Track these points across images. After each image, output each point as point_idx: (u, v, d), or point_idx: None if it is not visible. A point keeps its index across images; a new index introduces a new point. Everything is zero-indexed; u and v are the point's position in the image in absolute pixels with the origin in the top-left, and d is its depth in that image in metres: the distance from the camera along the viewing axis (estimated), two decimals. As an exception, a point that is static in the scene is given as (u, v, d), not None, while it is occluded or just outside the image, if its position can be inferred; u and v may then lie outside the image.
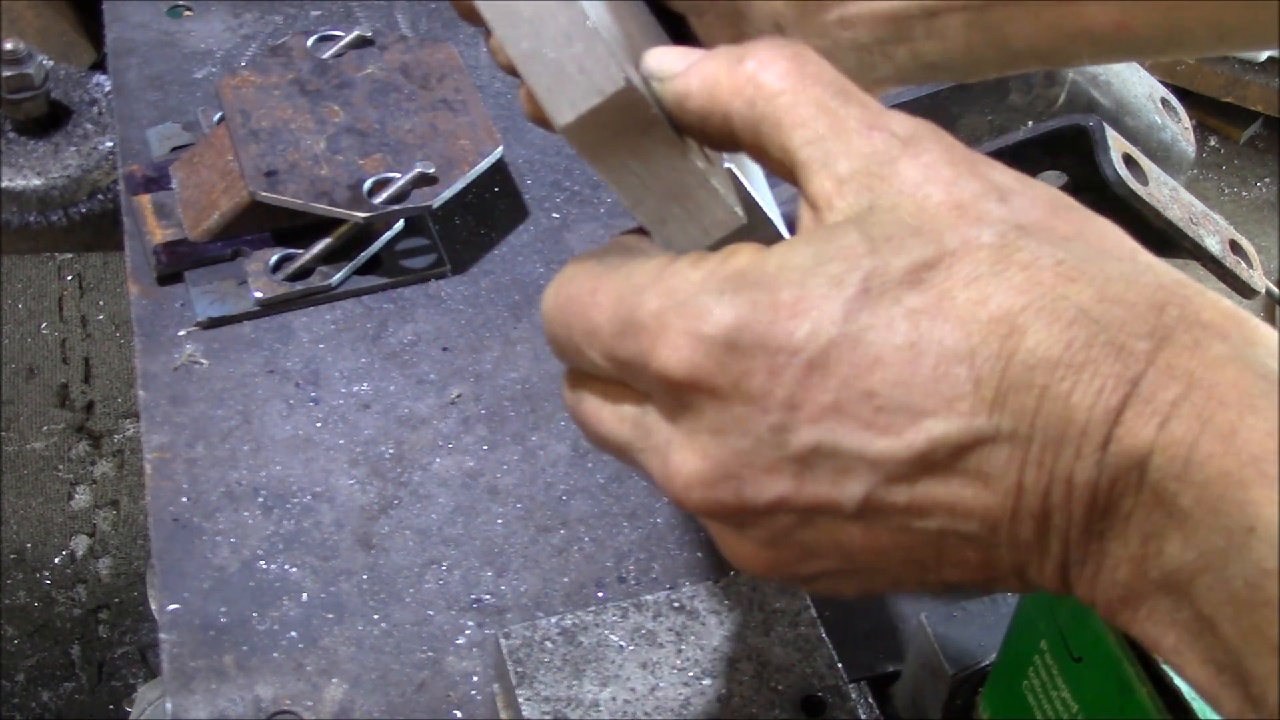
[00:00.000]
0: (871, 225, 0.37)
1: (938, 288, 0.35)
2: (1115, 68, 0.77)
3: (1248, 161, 2.74)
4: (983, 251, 0.36)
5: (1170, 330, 0.34)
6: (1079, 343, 0.34)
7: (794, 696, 0.61)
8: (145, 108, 0.98)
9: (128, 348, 2.08)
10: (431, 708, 0.67)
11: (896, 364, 0.35)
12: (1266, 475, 0.31)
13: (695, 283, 0.38)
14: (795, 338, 0.36)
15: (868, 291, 0.36)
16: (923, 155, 0.38)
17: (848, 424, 0.36)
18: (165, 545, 0.73)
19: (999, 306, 0.35)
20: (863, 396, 0.35)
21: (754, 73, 0.40)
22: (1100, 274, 0.35)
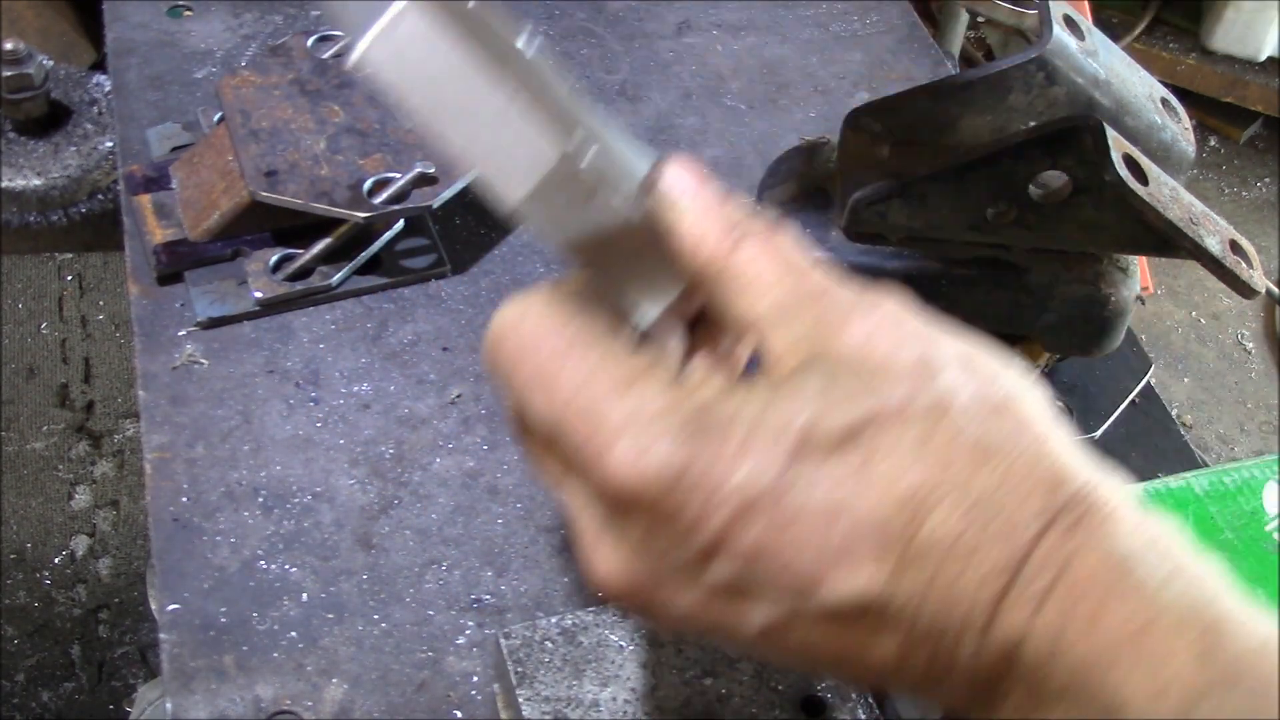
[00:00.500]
0: (817, 381, 0.40)
1: (865, 450, 0.39)
2: (1115, 67, 0.77)
3: (1248, 161, 2.74)
4: (913, 419, 0.39)
5: (1059, 510, 0.38)
6: (974, 528, 0.37)
7: (794, 696, 0.61)
8: (145, 108, 0.97)
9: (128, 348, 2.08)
10: (431, 708, 0.67)
11: (813, 522, 0.38)
12: (1128, 658, 0.35)
13: (660, 409, 0.40)
14: (732, 482, 0.39)
15: (803, 445, 0.39)
16: (872, 315, 0.42)
17: (763, 567, 0.39)
18: (165, 545, 0.73)
19: (911, 484, 0.38)
20: (780, 547, 0.39)
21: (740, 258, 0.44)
22: (1010, 453, 0.39)
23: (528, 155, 0.44)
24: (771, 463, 0.39)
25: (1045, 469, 0.38)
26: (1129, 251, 0.76)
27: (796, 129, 1.02)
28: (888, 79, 1.08)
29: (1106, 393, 0.83)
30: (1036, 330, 0.77)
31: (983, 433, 0.39)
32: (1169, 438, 0.87)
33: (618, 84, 1.05)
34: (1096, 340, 0.78)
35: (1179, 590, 0.36)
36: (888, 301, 0.42)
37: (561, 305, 0.44)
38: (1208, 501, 0.72)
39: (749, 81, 1.07)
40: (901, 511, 0.38)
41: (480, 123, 0.44)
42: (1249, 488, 0.72)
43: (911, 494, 0.38)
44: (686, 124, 1.02)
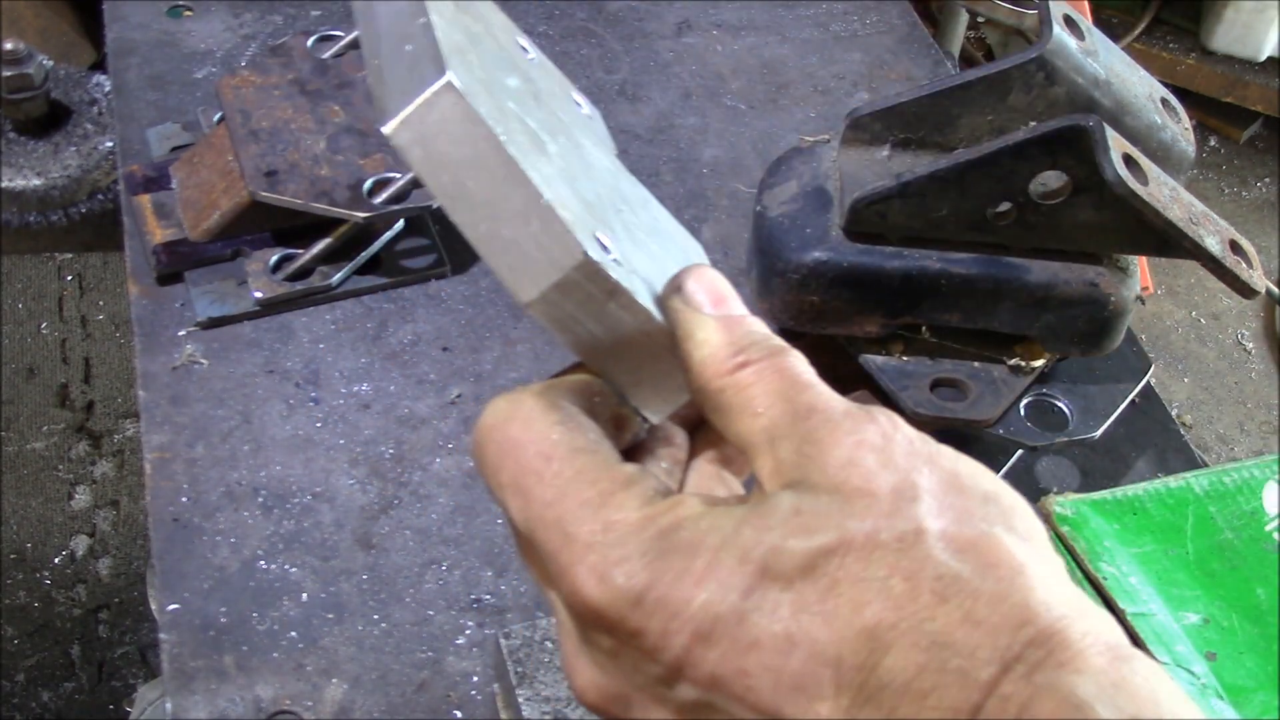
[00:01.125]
0: (789, 506, 0.40)
1: (828, 580, 0.38)
2: (1115, 67, 0.77)
3: (1248, 161, 2.74)
4: (880, 551, 0.38)
5: (1021, 651, 0.37)
6: (932, 667, 0.37)
7: (794, 696, 0.60)
8: (145, 108, 0.97)
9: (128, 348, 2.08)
10: (431, 708, 0.67)
11: (771, 651, 0.38)
12: None
13: (631, 526, 0.41)
14: (693, 606, 0.39)
15: (766, 571, 0.39)
16: (856, 436, 0.41)
17: (724, 693, 0.39)
18: (165, 545, 0.73)
19: (871, 618, 0.38)
20: (738, 674, 0.39)
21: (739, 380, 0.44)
22: (972, 593, 0.38)
23: (545, 257, 0.43)
24: (733, 587, 0.39)
25: (1011, 606, 0.38)
26: (1129, 251, 0.76)
27: (796, 129, 1.02)
28: (888, 79, 1.08)
29: (1106, 393, 0.83)
30: (1036, 330, 0.77)
31: (949, 568, 0.38)
32: (1169, 438, 0.87)
33: (618, 84, 1.05)
34: (1096, 340, 0.77)
35: None
36: (876, 420, 0.42)
37: (550, 408, 0.44)
38: (1208, 501, 0.72)
39: (749, 81, 1.07)
40: (860, 646, 0.38)
41: (502, 217, 0.43)
42: (1249, 488, 0.72)
43: (871, 628, 0.38)
44: (686, 124, 1.02)
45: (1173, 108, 0.80)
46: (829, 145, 0.83)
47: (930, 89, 0.78)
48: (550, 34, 1.08)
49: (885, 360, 0.79)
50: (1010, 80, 0.76)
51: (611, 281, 0.44)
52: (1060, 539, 0.69)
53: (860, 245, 0.76)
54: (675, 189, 0.97)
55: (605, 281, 0.44)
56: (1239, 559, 0.70)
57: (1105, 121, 0.69)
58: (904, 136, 0.80)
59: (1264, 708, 0.63)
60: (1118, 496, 0.72)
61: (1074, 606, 0.39)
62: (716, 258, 0.93)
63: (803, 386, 0.43)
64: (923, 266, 0.76)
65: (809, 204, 0.79)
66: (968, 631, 0.37)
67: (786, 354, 0.44)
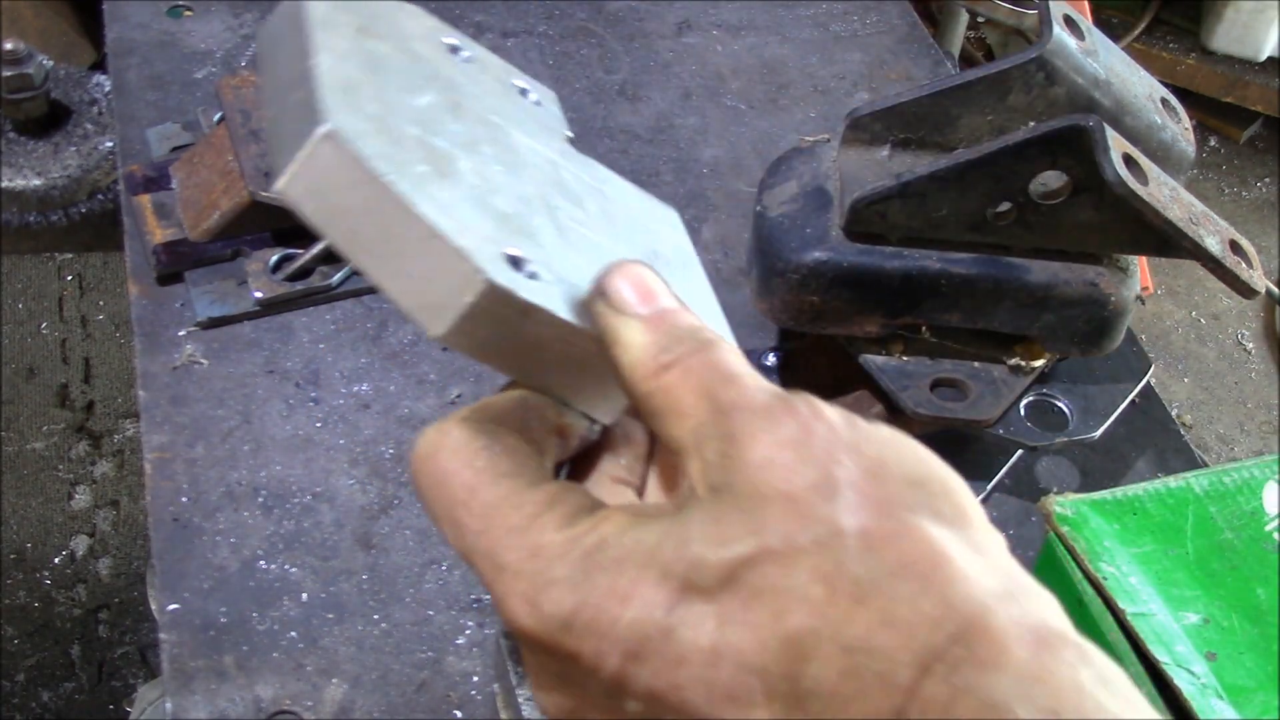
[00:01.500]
0: (710, 514, 0.39)
1: (749, 589, 0.38)
2: (1115, 67, 0.77)
3: (1248, 161, 2.74)
4: (796, 556, 0.38)
5: (941, 652, 0.36)
6: (852, 675, 0.37)
7: (794, 696, 0.60)
8: (145, 108, 0.97)
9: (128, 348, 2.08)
10: (431, 708, 0.67)
11: (699, 664, 0.38)
12: None
13: (556, 550, 0.41)
14: (618, 628, 0.39)
15: (688, 586, 0.39)
16: (776, 432, 0.40)
17: (664, 706, 0.39)
18: (165, 545, 0.73)
19: (793, 626, 0.37)
20: (672, 688, 0.39)
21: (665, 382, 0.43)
22: (890, 594, 0.37)
23: (448, 289, 0.42)
24: (657, 604, 0.39)
25: (929, 604, 0.37)
26: (1129, 251, 0.76)
27: (796, 129, 1.02)
28: (888, 79, 1.08)
29: (1106, 393, 0.83)
30: (1036, 330, 0.77)
31: (865, 568, 0.38)
32: (1169, 438, 0.87)
33: (618, 84, 1.05)
34: (1096, 340, 0.78)
35: None
36: (795, 412, 0.41)
37: (475, 434, 0.43)
38: (1208, 501, 0.72)
39: (749, 81, 1.07)
40: (783, 655, 0.37)
41: (401, 256, 0.42)
42: (1249, 488, 0.72)
43: (792, 637, 0.37)
44: (686, 124, 1.02)
45: (1173, 108, 0.80)
46: (829, 145, 0.83)
47: (930, 89, 0.78)
48: (550, 34, 1.08)
49: (885, 360, 0.79)
50: (1010, 80, 0.76)
51: (522, 302, 0.42)
52: (1060, 539, 0.69)
53: (860, 245, 0.76)
54: (675, 189, 0.97)
55: (516, 303, 0.42)
56: (1239, 559, 0.70)
57: (1105, 121, 0.69)
58: (904, 136, 0.80)
59: (1264, 708, 0.63)
60: (1118, 496, 0.72)
61: (999, 593, 0.38)
62: (716, 258, 0.93)
63: (727, 382, 0.42)
64: (923, 266, 0.76)
65: (809, 204, 0.79)
66: (886, 634, 0.37)
67: (712, 348, 0.43)
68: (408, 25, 0.53)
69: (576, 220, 0.50)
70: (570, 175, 0.53)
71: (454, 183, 0.45)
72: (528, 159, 0.50)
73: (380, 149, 0.43)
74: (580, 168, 0.54)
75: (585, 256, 0.48)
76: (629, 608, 0.39)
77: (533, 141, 0.52)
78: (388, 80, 0.47)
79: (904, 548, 0.38)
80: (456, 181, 0.45)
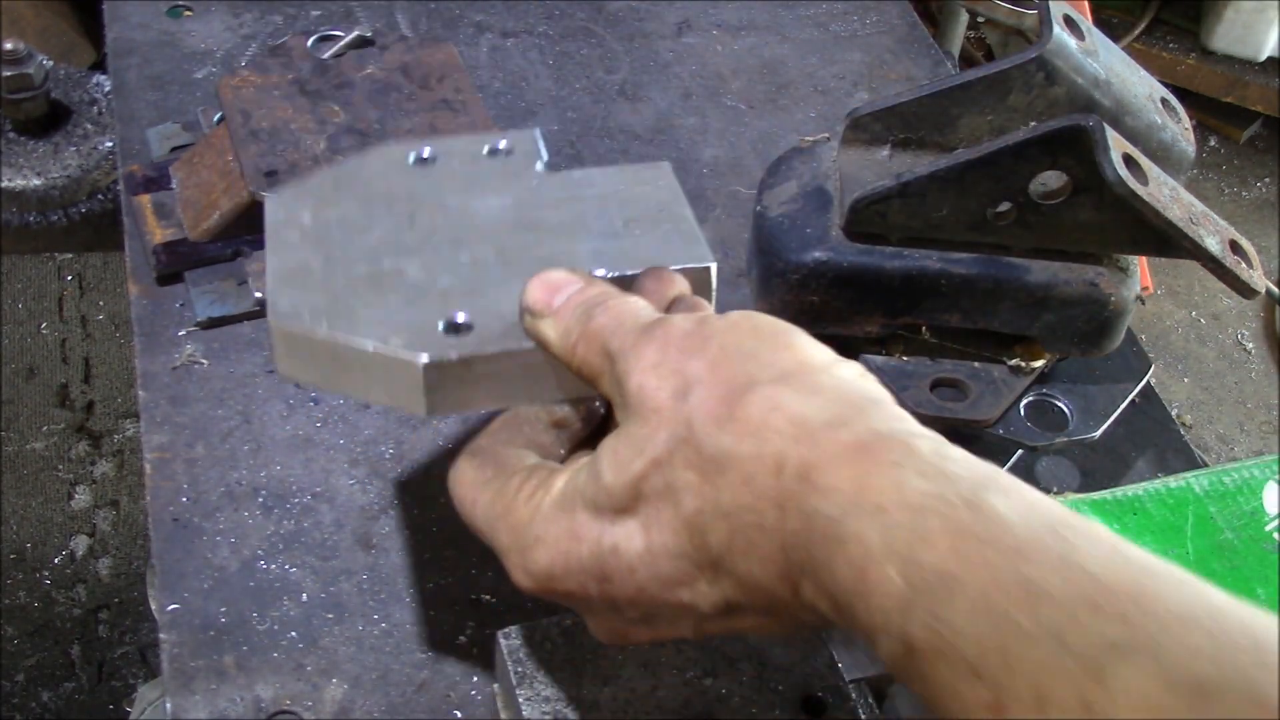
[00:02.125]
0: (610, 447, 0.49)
1: (651, 496, 0.47)
2: (1115, 67, 0.77)
3: (1248, 161, 2.74)
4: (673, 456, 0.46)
5: (789, 493, 0.43)
6: (737, 532, 0.45)
7: (794, 696, 0.61)
8: (145, 108, 0.98)
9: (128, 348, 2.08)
10: (431, 708, 0.67)
11: (644, 567, 0.47)
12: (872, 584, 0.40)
13: (525, 520, 0.51)
14: (582, 563, 0.49)
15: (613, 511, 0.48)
16: (639, 363, 0.49)
17: (643, 608, 0.49)
18: (165, 545, 0.73)
19: (687, 513, 0.46)
20: (637, 591, 0.48)
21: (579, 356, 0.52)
22: (739, 458, 0.45)
23: (405, 381, 0.53)
24: (597, 532, 0.48)
25: (769, 456, 0.44)
26: (1129, 251, 0.76)
27: (796, 129, 1.02)
28: (888, 79, 1.08)
29: (1106, 393, 0.83)
30: (1036, 330, 0.77)
31: (718, 445, 0.45)
32: (1169, 438, 0.87)
33: (618, 84, 1.05)
34: (1096, 340, 0.78)
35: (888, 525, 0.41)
36: (653, 337, 0.49)
37: (472, 459, 0.55)
38: (1208, 501, 0.72)
39: (749, 81, 1.07)
40: (691, 536, 0.46)
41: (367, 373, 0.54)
42: (1249, 488, 0.72)
43: (689, 521, 0.46)
44: (686, 124, 1.02)
45: (1173, 108, 0.80)
46: (829, 145, 0.83)
47: (930, 89, 0.78)
48: (550, 34, 1.08)
49: (885, 360, 0.79)
50: (1010, 80, 0.76)
51: (458, 359, 0.53)
52: (1060, 539, 0.69)
53: (860, 245, 0.76)
54: (675, 189, 0.97)
55: (455, 362, 0.53)
56: (1239, 559, 0.70)
57: (1105, 121, 0.69)
58: (904, 136, 0.80)
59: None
60: (1118, 496, 0.72)
61: (829, 422, 0.44)
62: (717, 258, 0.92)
63: (609, 336, 0.50)
64: (923, 266, 0.76)
65: (809, 204, 0.79)
66: (746, 492, 0.44)
67: (595, 313, 0.51)
68: (373, 168, 0.65)
69: (528, 249, 0.59)
70: (533, 207, 0.62)
71: (395, 289, 0.56)
72: (483, 222, 0.61)
73: (317, 309, 0.56)
74: (553, 188, 0.63)
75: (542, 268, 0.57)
76: (582, 544, 0.49)
77: (496, 198, 0.62)
78: (338, 240, 0.60)
79: (744, 417, 0.45)
80: (399, 285, 0.57)
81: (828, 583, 0.42)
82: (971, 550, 0.39)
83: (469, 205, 0.61)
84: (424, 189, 0.63)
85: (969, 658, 0.37)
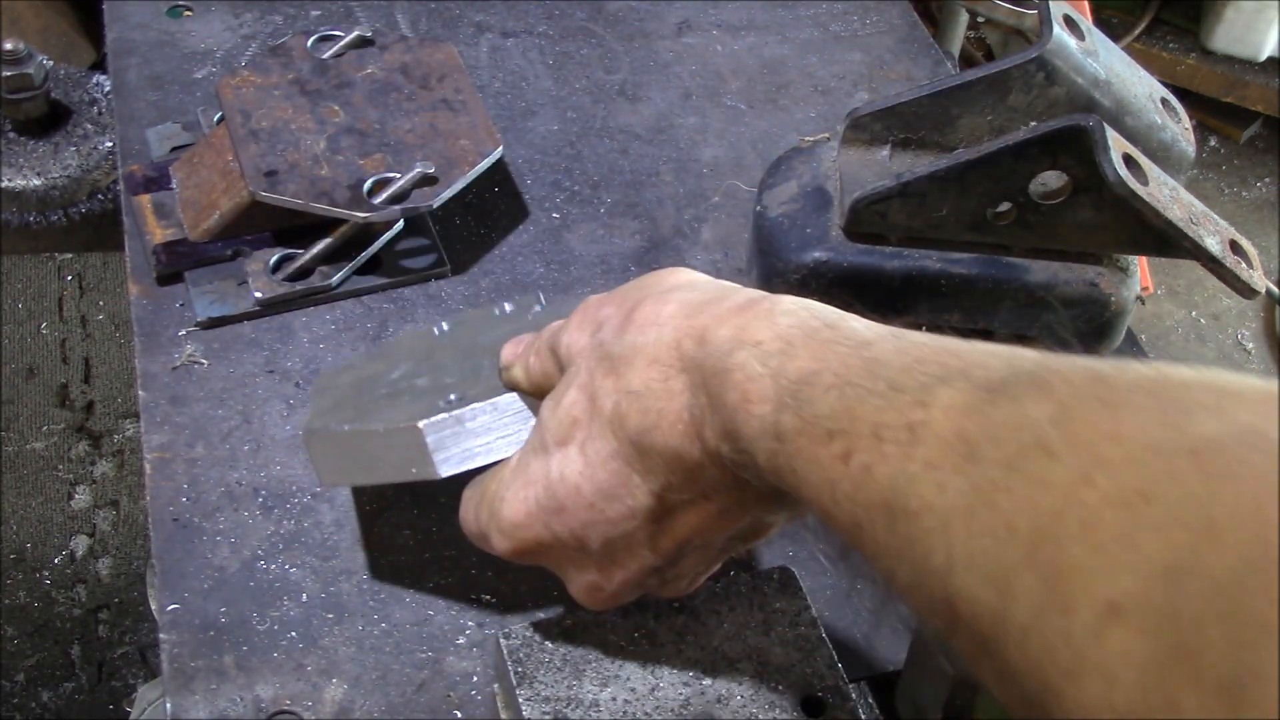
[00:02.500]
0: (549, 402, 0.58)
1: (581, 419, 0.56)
2: (1115, 67, 0.77)
3: (1248, 161, 2.74)
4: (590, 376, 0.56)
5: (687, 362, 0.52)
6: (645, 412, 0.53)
7: (794, 696, 0.61)
8: (145, 108, 0.98)
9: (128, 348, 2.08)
10: (431, 708, 0.67)
11: (587, 480, 0.55)
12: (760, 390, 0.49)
13: (494, 493, 0.60)
14: (541, 501, 0.57)
15: (555, 445, 0.56)
16: (571, 329, 0.59)
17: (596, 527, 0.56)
18: (165, 545, 0.73)
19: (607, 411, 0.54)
20: (589, 510, 0.56)
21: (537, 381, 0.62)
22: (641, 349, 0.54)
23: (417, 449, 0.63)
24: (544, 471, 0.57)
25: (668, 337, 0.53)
26: (1129, 251, 0.76)
27: (796, 129, 1.02)
28: (888, 79, 1.08)
29: (1106, 393, 0.83)
30: (1036, 330, 0.77)
31: (621, 345, 0.54)
32: (1169, 438, 0.87)
33: (618, 84, 1.05)
34: (1096, 340, 0.78)
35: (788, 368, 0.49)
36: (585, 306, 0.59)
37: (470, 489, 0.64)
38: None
39: (749, 81, 1.07)
40: (616, 432, 0.54)
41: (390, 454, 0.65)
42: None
43: (611, 417, 0.54)
44: (686, 124, 1.02)
45: (1173, 108, 0.80)
46: (829, 145, 0.83)
47: (930, 89, 0.78)
48: (550, 34, 1.09)
49: (885, 360, 0.79)
50: (1010, 80, 0.76)
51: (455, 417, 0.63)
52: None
53: (860, 245, 0.76)
54: (675, 189, 0.97)
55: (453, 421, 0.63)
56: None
57: (1105, 121, 0.69)
58: (904, 136, 0.80)
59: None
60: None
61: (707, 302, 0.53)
62: (716, 258, 0.93)
63: (550, 338, 0.60)
64: (923, 266, 0.76)
65: (809, 204, 0.79)
66: (654, 371, 0.53)
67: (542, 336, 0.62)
68: (404, 347, 0.76)
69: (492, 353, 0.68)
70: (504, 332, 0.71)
71: (409, 398, 0.67)
72: (487, 343, 0.70)
73: (344, 418, 0.68)
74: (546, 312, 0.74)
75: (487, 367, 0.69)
76: (535, 484, 0.57)
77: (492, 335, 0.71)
78: (366, 384, 0.72)
79: (640, 317, 0.55)
80: (413, 397, 0.67)
81: (721, 416, 0.50)
82: (827, 351, 0.47)
83: (476, 339, 0.73)
84: (437, 349, 0.74)
85: (826, 426, 0.45)
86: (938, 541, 0.39)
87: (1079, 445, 0.36)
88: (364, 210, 0.83)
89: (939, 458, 0.40)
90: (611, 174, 0.98)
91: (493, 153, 0.88)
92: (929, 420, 0.41)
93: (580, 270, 0.90)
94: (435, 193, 0.84)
